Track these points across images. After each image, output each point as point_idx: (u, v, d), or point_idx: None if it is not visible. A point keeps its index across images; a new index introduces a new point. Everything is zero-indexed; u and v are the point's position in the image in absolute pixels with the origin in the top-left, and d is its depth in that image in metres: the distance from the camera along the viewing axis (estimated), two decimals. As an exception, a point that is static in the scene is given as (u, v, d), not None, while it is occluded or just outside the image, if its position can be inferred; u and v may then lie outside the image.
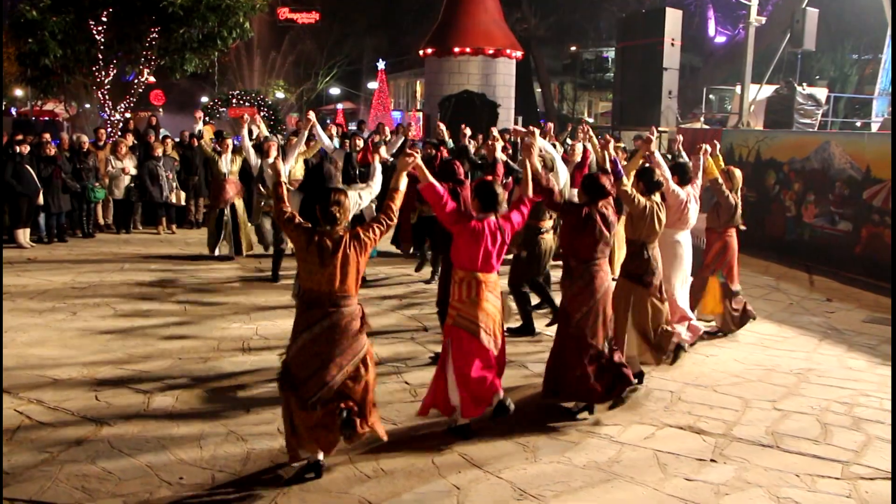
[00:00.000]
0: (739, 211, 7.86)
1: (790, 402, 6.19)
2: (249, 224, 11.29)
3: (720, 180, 7.72)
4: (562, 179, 8.00)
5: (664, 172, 6.81)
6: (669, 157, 9.00)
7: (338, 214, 4.56)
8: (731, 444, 5.37)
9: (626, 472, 4.92)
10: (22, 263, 10.88)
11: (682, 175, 7.14)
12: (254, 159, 9.97)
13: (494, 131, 10.79)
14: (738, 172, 8.02)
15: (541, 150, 8.01)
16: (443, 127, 11.47)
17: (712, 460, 5.12)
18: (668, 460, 5.11)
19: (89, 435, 5.29)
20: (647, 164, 7.03)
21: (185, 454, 5.02)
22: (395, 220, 4.88)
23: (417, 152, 5.16)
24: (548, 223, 7.71)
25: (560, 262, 6.08)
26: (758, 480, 4.85)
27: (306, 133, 9.70)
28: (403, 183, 4.96)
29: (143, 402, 5.91)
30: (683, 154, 8.42)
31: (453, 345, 5.23)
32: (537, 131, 6.48)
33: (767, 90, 16.74)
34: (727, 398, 6.25)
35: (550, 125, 8.96)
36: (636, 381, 6.25)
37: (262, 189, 9.93)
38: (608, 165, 6.15)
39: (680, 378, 6.67)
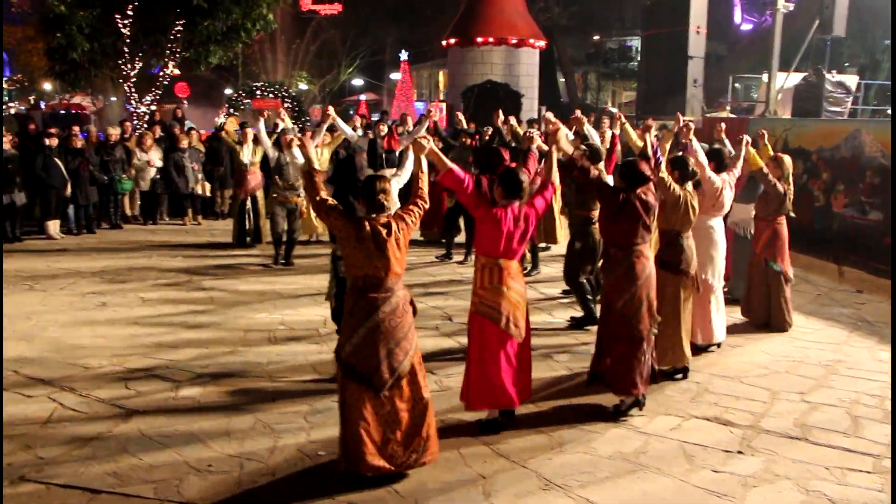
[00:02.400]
0: (791, 198, 7.76)
1: (819, 395, 6.12)
2: (267, 213, 11.40)
3: (765, 170, 7.62)
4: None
5: (701, 159, 6.74)
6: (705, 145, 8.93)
7: (385, 201, 4.56)
8: (758, 436, 5.33)
9: (653, 463, 4.90)
10: (52, 254, 11.03)
11: (719, 161, 7.07)
12: (271, 152, 10.05)
13: (512, 120, 10.80)
14: (787, 159, 7.87)
15: (585, 141, 7.99)
16: (462, 116, 11.47)
17: (739, 452, 5.08)
18: (695, 451, 5.08)
19: (120, 423, 5.36)
20: (680, 153, 6.98)
21: (213, 443, 5.07)
22: (428, 201, 4.87)
23: (429, 139, 5.12)
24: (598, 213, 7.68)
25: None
26: (786, 473, 4.81)
27: (324, 127, 9.79)
28: (425, 165, 4.98)
29: (172, 391, 5.98)
30: (726, 141, 8.35)
31: (474, 332, 5.21)
32: (583, 117, 6.41)
33: (795, 78, 16.50)
34: (754, 390, 6.20)
35: (578, 111, 8.90)
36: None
37: (280, 181, 10.02)
38: (649, 151, 6.05)
39: (706, 369, 6.63)
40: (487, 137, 11.40)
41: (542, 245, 10.83)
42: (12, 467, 4.70)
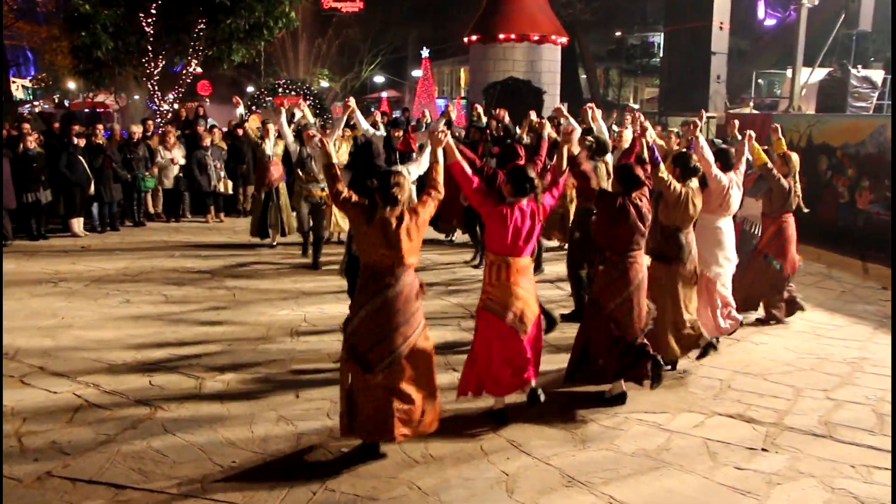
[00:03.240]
0: (797, 195, 7.69)
1: (844, 392, 6.06)
2: (292, 208, 11.43)
3: (769, 165, 7.57)
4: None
5: (708, 157, 6.70)
6: (720, 141, 8.87)
7: (398, 195, 4.66)
8: (782, 434, 5.29)
9: (676, 461, 4.88)
10: (76, 251, 11.15)
11: (725, 161, 7.00)
12: (292, 145, 10.06)
13: (532, 115, 10.76)
14: (794, 156, 7.84)
15: (590, 136, 7.96)
16: (480, 110, 11.44)
17: (763, 449, 5.05)
18: (718, 449, 5.05)
19: (144, 418, 5.42)
20: (684, 150, 6.94)
21: (236, 438, 5.11)
22: (443, 192, 4.97)
23: (446, 132, 5.15)
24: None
25: None
26: (811, 470, 4.77)
27: (344, 119, 9.79)
28: (441, 156, 5.05)
29: (195, 386, 6.03)
30: (739, 137, 8.27)
31: (480, 327, 5.29)
32: (595, 110, 6.40)
33: (820, 73, 16.32)
34: (778, 387, 6.15)
35: (592, 105, 8.83)
36: (665, 364, 6.21)
37: (302, 174, 10.05)
38: (645, 152, 6.06)
39: (729, 366, 6.58)
40: (497, 131, 11.34)
41: (555, 244, 10.86)
42: (38, 463, 4.76)
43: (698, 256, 6.62)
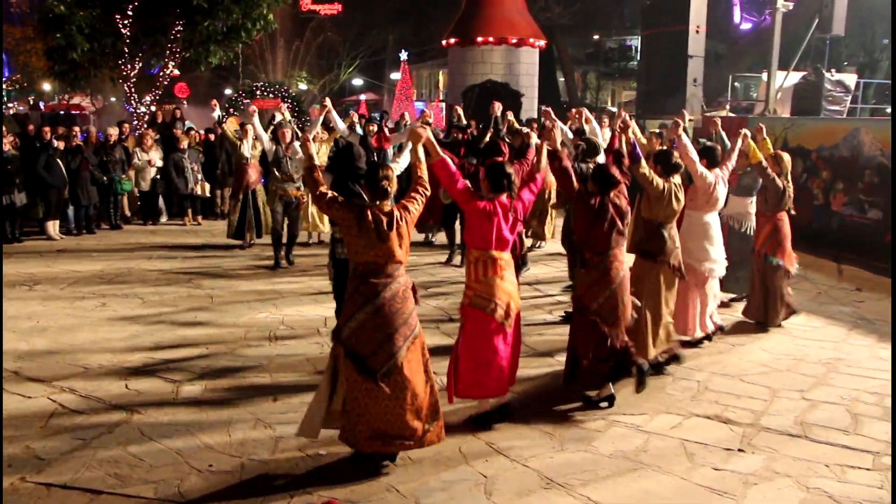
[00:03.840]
0: (790, 194, 7.78)
1: (819, 392, 6.13)
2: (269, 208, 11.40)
3: (764, 163, 7.65)
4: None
5: (692, 155, 6.77)
6: (704, 141, 8.95)
7: (388, 188, 4.62)
8: (759, 434, 5.33)
9: (654, 462, 4.90)
10: (52, 254, 11.03)
11: (711, 158, 7.09)
12: (268, 144, 10.07)
13: (510, 115, 10.81)
14: (786, 156, 7.91)
15: (582, 136, 8.01)
16: (461, 111, 11.48)
17: (740, 450, 5.09)
18: (696, 450, 5.08)
19: (120, 422, 5.36)
20: (665, 147, 7.01)
21: (214, 442, 5.08)
22: (430, 189, 4.92)
23: (425, 128, 5.16)
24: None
25: None
26: (786, 470, 4.81)
27: (321, 119, 9.80)
28: (422, 154, 5.01)
29: (173, 390, 5.98)
30: (724, 136, 8.36)
31: (467, 325, 5.25)
32: (587, 112, 6.45)
33: (794, 77, 16.51)
34: (755, 388, 6.21)
35: (584, 110, 8.90)
36: (647, 365, 6.25)
37: (278, 174, 10.04)
38: (625, 147, 6.09)
39: (706, 367, 6.64)
40: (476, 132, 11.38)
41: (532, 243, 10.89)
42: (13, 468, 4.69)
43: (689, 252, 6.70)
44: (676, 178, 6.36)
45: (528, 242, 10.67)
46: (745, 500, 4.47)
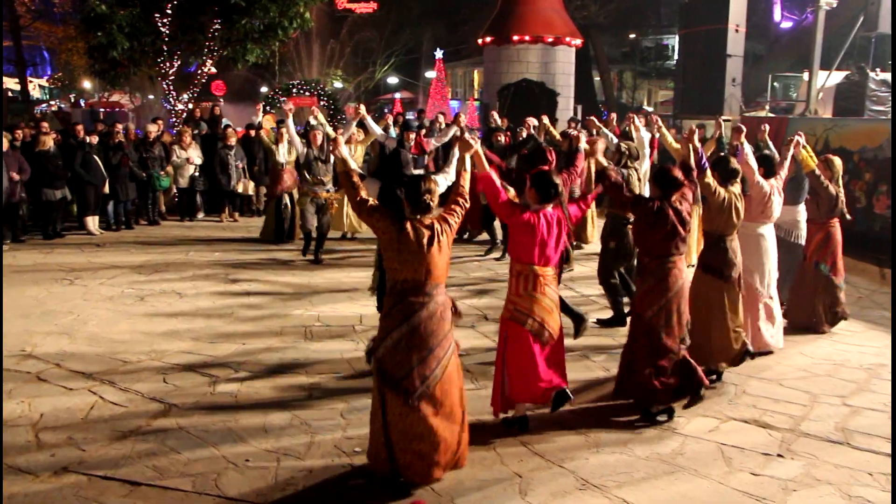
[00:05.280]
0: (842, 200, 7.63)
1: (861, 399, 6.01)
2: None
3: (817, 171, 7.49)
4: (644, 167, 7.90)
5: (752, 163, 6.62)
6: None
7: (431, 202, 4.47)
8: (798, 440, 5.24)
9: (690, 465, 4.85)
10: (92, 249, 11.22)
11: (768, 167, 6.90)
12: (299, 146, 10.14)
13: (545, 119, 10.76)
14: (837, 161, 7.74)
15: (625, 140, 7.94)
16: (496, 115, 11.46)
17: (779, 455, 5.01)
18: (733, 454, 5.01)
19: (158, 416, 5.43)
20: (722, 154, 6.88)
21: (250, 438, 5.12)
22: (469, 201, 4.81)
23: (475, 139, 5.09)
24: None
25: None
26: (827, 478, 4.72)
27: (354, 124, 9.88)
28: (468, 165, 4.92)
29: (209, 386, 6.04)
30: (770, 144, 8.20)
31: (509, 339, 5.17)
32: (636, 120, 6.39)
33: (837, 76, 16.23)
34: (794, 392, 6.11)
35: (614, 115, 8.84)
36: (712, 378, 6.14)
37: (308, 176, 10.11)
38: (692, 157, 5.90)
39: (744, 371, 6.53)
40: (521, 138, 11.37)
41: (574, 244, 10.81)
42: (55, 458, 4.78)
43: (742, 266, 6.50)
44: (736, 188, 6.20)
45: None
46: (785, 506, 4.40)
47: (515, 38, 21.65)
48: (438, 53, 38.93)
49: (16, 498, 4.33)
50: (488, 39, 22.40)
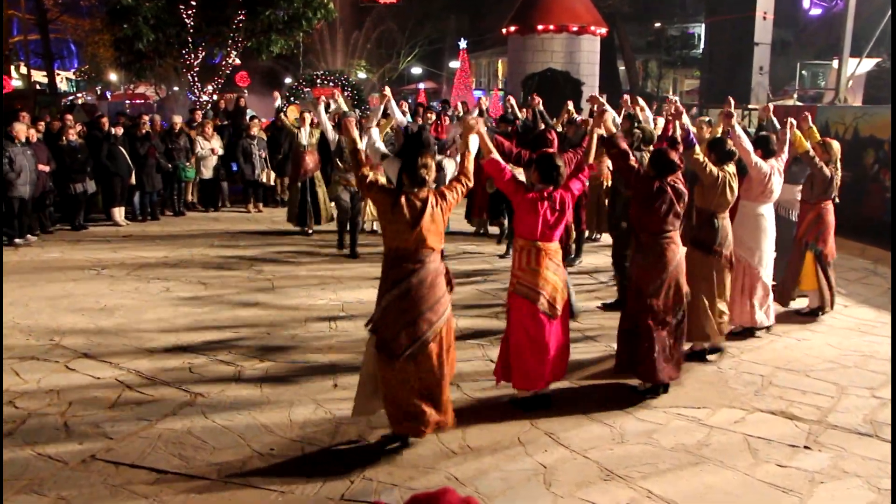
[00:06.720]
0: (837, 183, 7.57)
1: (889, 390, 5.91)
2: (328, 196, 11.53)
3: (811, 152, 7.46)
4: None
5: (746, 145, 6.63)
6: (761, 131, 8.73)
7: (426, 176, 4.67)
8: (825, 432, 5.18)
9: (716, 456, 4.81)
10: (118, 239, 11.33)
11: (766, 148, 6.95)
12: (331, 134, 10.14)
13: (570, 104, 10.68)
14: (835, 144, 7.72)
15: (638, 124, 7.89)
16: (513, 101, 11.39)
17: (806, 447, 4.95)
18: (760, 445, 4.97)
19: (184, 404, 5.48)
20: (720, 136, 6.88)
21: (274, 425, 5.15)
22: (472, 180, 4.99)
23: (478, 121, 5.22)
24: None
25: None
26: (855, 470, 4.67)
27: (382, 106, 9.85)
28: (473, 145, 5.09)
29: (234, 372, 6.09)
30: (775, 122, 8.17)
31: (513, 313, 5.31)
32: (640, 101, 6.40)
33: (867, 64, 15.98)
34: (821, 384, 6.04)
35: (627, 98, 8.77)
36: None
37: (340, 164, 10.10)
38: (679, 134, 6.04)
39: (770, 362, 6.47)
40: (528, 118, 11.26)
41: (589, 234, 10.80)
42: (83, 446, 4.84)
43: (741, 243, 6.58)
44: (731, 168, 6.30)
45: (585, 234, 10.53)
46: (812, 498, 4.35)
47: (540, 27, 21.53)
48: (462, 43, 38.83)
49: (45, 484, 4.39)
50: (513, 29, 22.29)
